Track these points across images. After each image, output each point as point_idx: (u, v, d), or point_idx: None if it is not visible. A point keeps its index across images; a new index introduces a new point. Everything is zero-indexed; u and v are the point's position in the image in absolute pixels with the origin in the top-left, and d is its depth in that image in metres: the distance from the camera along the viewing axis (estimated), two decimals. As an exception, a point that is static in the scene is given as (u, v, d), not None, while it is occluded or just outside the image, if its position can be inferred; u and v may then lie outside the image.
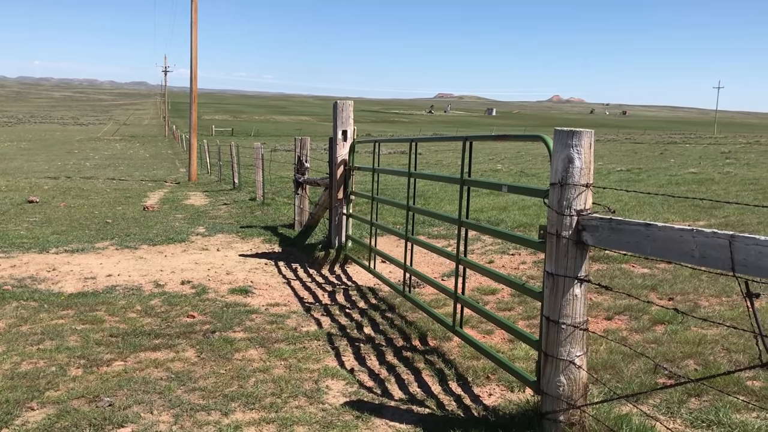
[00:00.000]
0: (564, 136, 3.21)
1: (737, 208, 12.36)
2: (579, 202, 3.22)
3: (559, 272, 3.28)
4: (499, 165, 28.46)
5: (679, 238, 2.69)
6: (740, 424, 3.59)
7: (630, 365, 4.51)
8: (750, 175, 20.75)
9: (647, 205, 13.09)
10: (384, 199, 7.76)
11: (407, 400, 4.14)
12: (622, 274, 7.29)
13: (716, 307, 5.91)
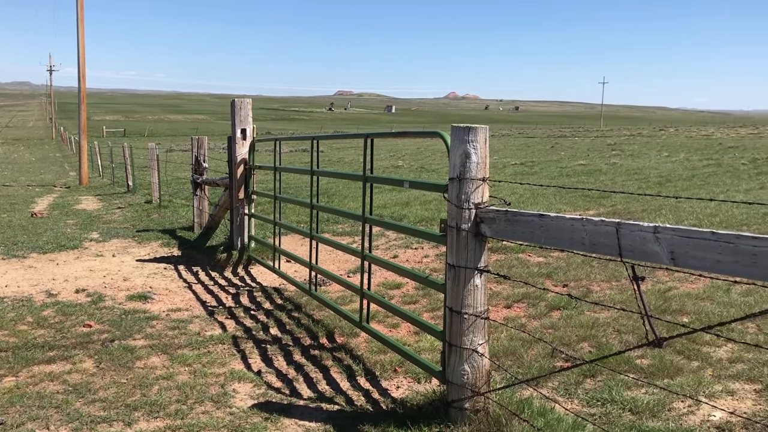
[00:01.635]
0: (461, 132, 3.30)
1: (623, 197, 13.08)
2: (477, 195, 3.32)
3: (460, 264, 3.38)
4: (401, 161, 28.83)
5: (571, 227, 2.83)
6: (631, 400, 3.81)
7: (529, 351, 4.70)
8: (634, 166, 22.02)
9: (541, 197, 13.64)
10: (287, 198, 7.71)
11: (316, 398, 4.14)
12: (519, 263, 7.57)
13: (607, 292, 6.25)
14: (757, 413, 3.63)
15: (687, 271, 2.50)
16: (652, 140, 40.79)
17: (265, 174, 10.95)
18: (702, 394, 3.88)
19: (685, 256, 2.35)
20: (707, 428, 3.49)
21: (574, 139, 48.23)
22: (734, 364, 4.35)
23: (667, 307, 5.59)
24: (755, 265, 2.13)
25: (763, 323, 5.10)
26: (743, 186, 15.42)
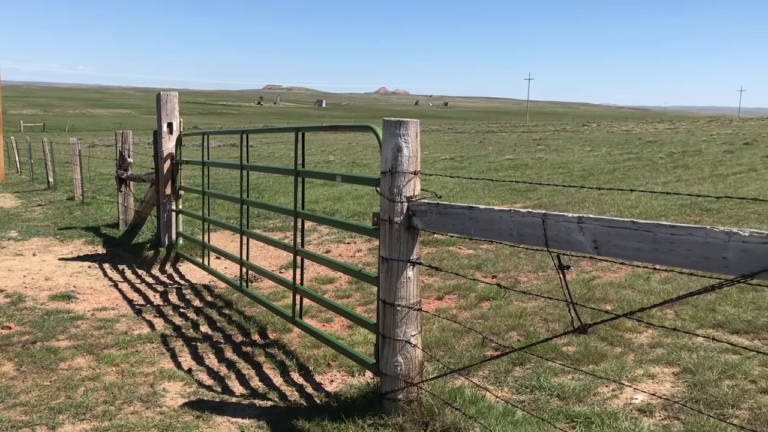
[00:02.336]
0: (392, 126, 3.33)
1: (549, 190, 13.46)
2: (409, 188, 3.36)
3: (393, 256, 3.41)
4: (332, 156, 28.75)
5: (499, 218, 2.90)
6: (558, 386, 3.94)
7: (461, 341, 4.79)
8: (559, 160, 22.66)
9: (470, 191, 13.88)
10: (216, 193, 7.59)
11: (249, 394, 4.10)
12: (450, 256, 7.69)
13: (534, 282, 6.42)
14: (675, 395, 3.81)
15: (609, 260, 2.60)
16: (576, 135, 42.04)
17: (193, 169, 10.74)
18: (625, 379, 4.05)
19: (607, 245, 2.45)
20: (630, 411, 3.64)
21: (501, 134, 49.21)
22: (654, 348, 4.55)
23: (591, 296, 5.79)
24: (672, 253, 2.24)
25: (681, 309, 5.35)
26: (661, 179, 16.09)
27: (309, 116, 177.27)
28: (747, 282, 2.06)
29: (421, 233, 3.47)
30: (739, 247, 2.06)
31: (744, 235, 2.05)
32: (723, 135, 36.53)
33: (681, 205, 11.07)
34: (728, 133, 37.96)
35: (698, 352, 4.38)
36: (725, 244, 2.09)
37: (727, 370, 4.05)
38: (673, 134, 39.99)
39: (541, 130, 52.74)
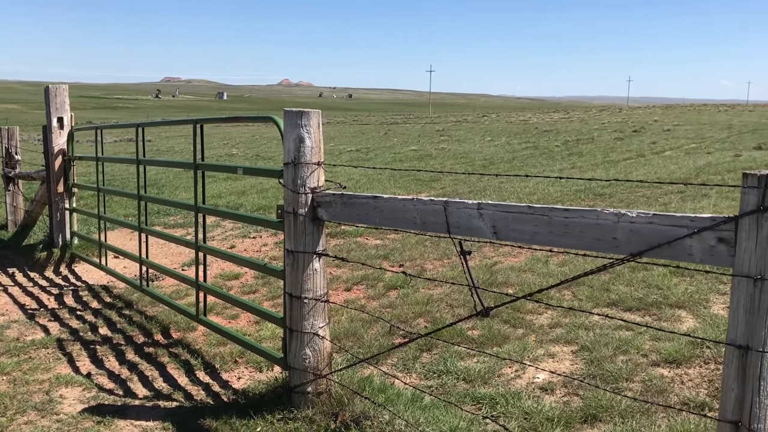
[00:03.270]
0: (294, 116, 3.29)
1: (452, 180, 13.73)
2: (312, 180, 3.33)
3: (299, 249, 3.38)
4: (235, 149, 28.18)
5: (403, 207, 2.93)
6: (464, 369, 4.03)
7: (369, 330, 4.82)
8: (461, 150, 23.16)
9: (376, 182, 13.95)
10: (112, 190, 7.29)
11: (153, 396, 3.97)
12: (357, 247, 7.72)
13: (439, 269, 6.54)
14: (574, 372, 3.98)
15: (510, 245, 2.69)
16: (477, 126, 43.11)
17: (88, 165, 10.24)
18: (527, 359, 4.19)
19: (506, 230, 2.52)
20: (532, 390, 3.77)
21: (405, 125, 49.78)
22: (554, 329, 4.74)
23: (493, 280, 5.95)
24: (567, 235, 2.33)
25: (578, 290, 5.59)
26: (557, 166, 16.75)
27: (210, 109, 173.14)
28: (635, 260, 2.17)
29: (328, 225, 3.46)
30: (628, 227, 2.17)
31: (632, 216, 2.16)
32: (614, 123, 38.42)
33: (576, 190, 11.56)
34: (618, 122, 39.95)
35: (594, 330, 4.59)
36: (615, 225, 2.20)
37: (621, 346, 4.27)
38: (568, 123, 41.69)
39: (443, 122, 53.73)
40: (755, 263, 1.86)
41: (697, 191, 10.73)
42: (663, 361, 4.02)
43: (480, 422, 3.32)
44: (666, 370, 3.91)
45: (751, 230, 1.87)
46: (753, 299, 1.88)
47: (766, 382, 1.89)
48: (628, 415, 3.35)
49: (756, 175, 1.85)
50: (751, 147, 19.97)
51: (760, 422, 1.91)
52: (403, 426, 3.14)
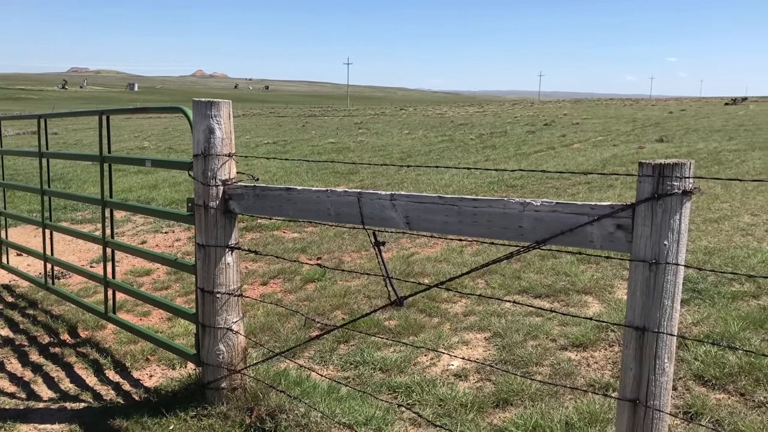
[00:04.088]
0: (203, 107, 3.21)
1: (371, 172, 13.78)
2: (223, 172, 3.27)
3: (210, 243, 3.31)
4: (146, 142, 27.28)
5: (317, 198, 2.92)
6: (381, 359, 4.06)
7: (286, 324, 4.78)
8: (379, 143, 23.26)
9: (294, 174, 13.85)
10: (11, 184, 6.91)
11: (59, 398, 3.81)
12: (274, 240, 7.63)
13: (357, 261, 6.56)
14: (487, 358, 4.08)
15: (427, 236, 2.72)
16: (394, 119, 43.40)
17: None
18: (442, 347, 4.26)
19: (418, 220, 2.55)
20: (447, 377, 3.84)
21: (323, 118, 49.55)
22: (468, 317, 4.84)
23: (410, 271, 6.02)
24: (476, 224, 2.38)
25: (491, 278, 5.73)
26: (472, 158, 17.09)
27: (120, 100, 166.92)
28: (540, 247, 2.24)
29: (243, 218, 3.40)
30: (533, 216, 2.23)
31: (536, 205, 2.23)
32: (526, 117, 39.50)
33: (490, 182, 11.84)
34: (530, 115, 41.11)
35: (506, 317, 4.72)
36: (521, 214, 2.26)
37: (532, 331, 4.41)
38: (482, 117, 42.56)
39: (361, 114, 53.80)
40: (650, 248, 1.96)
41: (604, 182, 11.19)
42: (570, 345, 4.18)
43: (396, 411, 3.36)
44: (573, 353, 4.07)
45: (647, 217, 1.96)
46: (649, 283, 1.97)
47: (661, 361, 2.00)
48: (538, 397, 3.46)
49: (651, 164, 1.94)
50: (654, 139, 20.96)
51: (656, 399, 2.01)
52: (319, 418, 3.14)
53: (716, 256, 6.06)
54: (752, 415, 3.19)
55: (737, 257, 5.97)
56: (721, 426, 3.10)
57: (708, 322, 4.39)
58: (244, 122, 42.79)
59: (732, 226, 7.43)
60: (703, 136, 21.40)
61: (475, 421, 3.24)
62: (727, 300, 4.77)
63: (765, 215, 7.94)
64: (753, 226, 7.36)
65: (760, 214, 8.00)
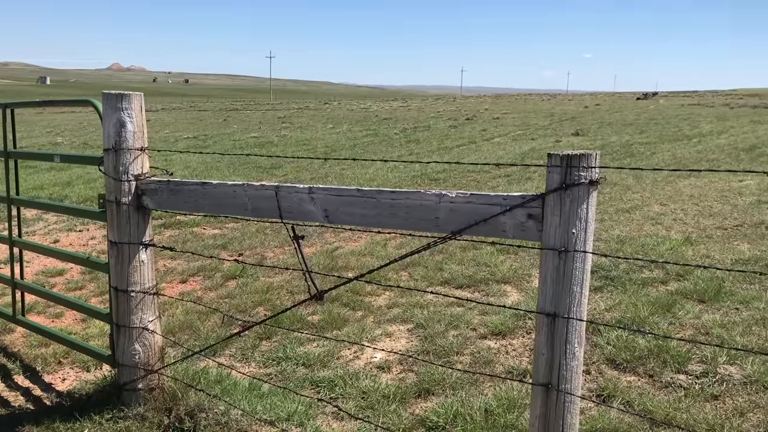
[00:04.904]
0: (113, 99, 3.10)
1: (294, 167, 13.67)
2: (136, 166, 3.17)
3: (123, 240, 3.20)
4: (60, 138, 26.16)
5: (233, 193, 2.87)
6: (304, 355, 4.04)
7: (206, 322, 4.69)
8: (303, 137, 23.09)
9: (214, 170, 13.57)
10: None
11: (-39, 407, 3.61)
12: (194, 237, 7.47)
13: (280, 257, 6.49)
14: (410, 349, 4.12)
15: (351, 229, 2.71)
16: (319, 113, 43.17)
17: None
18: (365, 340, 4.28)
19: (337, 213, 2.55)
20: (370, 369, 3.85)
21: (246, 112, 48.76)
22: (391, 309, 4.88)
23: (334, 265, 6.01)
24: (394, 216, 2.40)
25: (414, 270, 5.79)
26: (396, 152, 17.20)
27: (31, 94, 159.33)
28: (456, 238, 2.27)
29: (162, 215, 3.31)
30: (448, 207, 2.27)
31: (452, 196, 2.26)
32: (448, 111, 40.06)
33: (413, 176, 11.95)
34: (452, 110, 41.71)
35: (429, 308, 4.78)
36: (437, 205, 2.29)
37: (453, 321, 4.48)
38: (406, 111, 42.89)
39: (285, 108, 53.25)
40: (560, 237, 2.02)
41: (522, 174, 11.48)
42: (490, 333, 4.27)
43: (319, 405, 3.35)
44: (493, 341, 4.16)
45: (556, 206, 2.02)
46: (558, 270, 2.03)
47: (571, 346, 2.06)
48: (459, 386, 3.52)
49: (559, 155, 2.00)
50: (570, 133, 21.64)
51: (568, 383, 2.08)
52: (239, 415, 3.10)
53: (628, 244, 6.32)
54: (660, 395, 3.34)
55: (647, 245, 6.23)
56: (631, 407, 3.23)
57: (620, 308, 4.57)
58: (163, 117, 41.63)
59: (643, 215, 7.76)
60: (616, 130, 22.23)
61: (397, 411, 3.27)
62: (637, 286, 4.98)
63: (673, 205, 8.32)
64: (662, 215, 7.70)
65: (669, 204, 8.38)
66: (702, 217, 7.54)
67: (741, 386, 3.37)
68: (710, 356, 3.67)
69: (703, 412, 3.13)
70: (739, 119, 25.15)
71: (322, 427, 3.13)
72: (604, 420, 3.06)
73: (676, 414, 3.10)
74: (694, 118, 26.83)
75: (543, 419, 2.11)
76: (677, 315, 4.34)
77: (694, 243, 6.27)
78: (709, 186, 9.54)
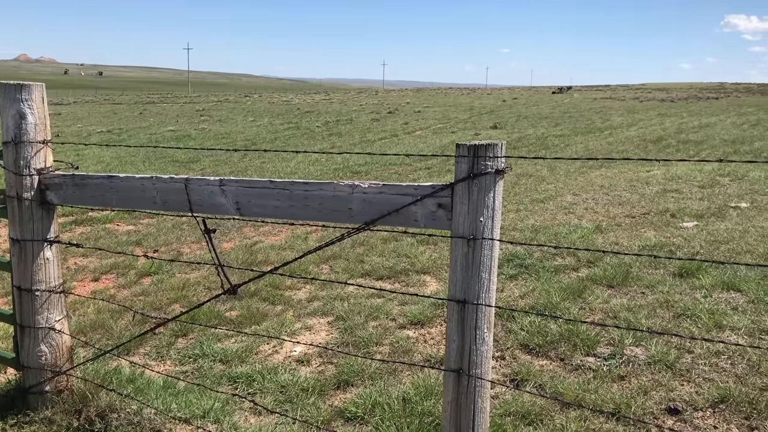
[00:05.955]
0: (12, 90, 2.95)
1: (213, 161, 13.41)
2: (38, 160, 3.03)
3: (26, 237, 3.06)
4: (-40, 132, 24.76)
5: (141, 186, 2.78)
6: (221, 351, 3.98)
7: (119, 321, 4.55)
8: (222, 130, 22.67)
9: (129, 164, 13.16)
10: None
11: None
12: (107, 233, 7.22)
13: (197, 252, 6.36)
14: (330, 342, 4.12)
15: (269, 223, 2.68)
16: (239, 106, 42.45)
17: None
18: (284, 334, 4.25)
19: (249, 205, 2.51)
20: (289, 363, 3.83)
21: (163, 105, 47.43)
22: (311, 302, 4.86)
23: (253, 260, 5.94)
24: (307, 207, 2.38)
25: (335, 263, 5.79)
26: (318, 146, 17.12)
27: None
28: (370, 228, 2.28)
29: (74, 212, 3.17)
30: (361, 197, 2.27)
31: (364, 186, 2.26)
32: (371, 105, 40.17)
33: (335, 168, 11.93)
34: (375, 103, 41.84)
35: (349, 300, 4.79)
36: (350, 196, 2.29)
37: (373, 312, 4.51)
38: (329, 104, 42.74)
39: (204, 101, 52.12)
40: (468, 225, 2.06)
41: (442, 167, 11.65)
42: (409, 323, 4.32)
43: (236, 401, 3.30)
44: (412, 331, 4.21)
45: (464, 195, 2.05)
46: (467, 258, 2.08)
47: (481, 331, 2.11)
48: (378, 376, 3.55)
49: (466, 145, 2.04)
50: (489, 126, 22.12)
51: (478, 368, 2.13)
52: (153, 414, 3.02)
53: (542, 233, 6.52)
54: (570, 377, 3.46)
55: (560, 234, 6.45)
56: (543, 390, 3.34)
57: (533, 294, 4.71)
58: (75, 110, 39.96)
59: (556, 205, 8.01)
60: (532, 123, 22.86)
61: (316, 404, 3.27)
62: (550, 274, 5.14)
63: (585, 194, 8.64)
64: (574, 205, 7.98)
65: (581, 194, 8.69)
66: (612, 206, 7.86)
67: (645, 366, 3.53)
68: (618, 339, 3.83)
69: (610, 392, 3.26)
70: (648, 112, 26.33)
71: (239, 423, 3.09)
72: (518, 404, 3.15)
73: (585, 395, 3.23)
74: (606, 111, 27.89)
75: (455, 404, 2.15)
76: (587, 300, 4.51)
77: (604, 231, 6.53)
78: (619, 176, 9.95)
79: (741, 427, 2.94)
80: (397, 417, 3.07)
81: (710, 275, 4.82)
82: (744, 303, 4.32)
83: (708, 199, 8.00)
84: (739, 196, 8.14)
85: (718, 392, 3.18)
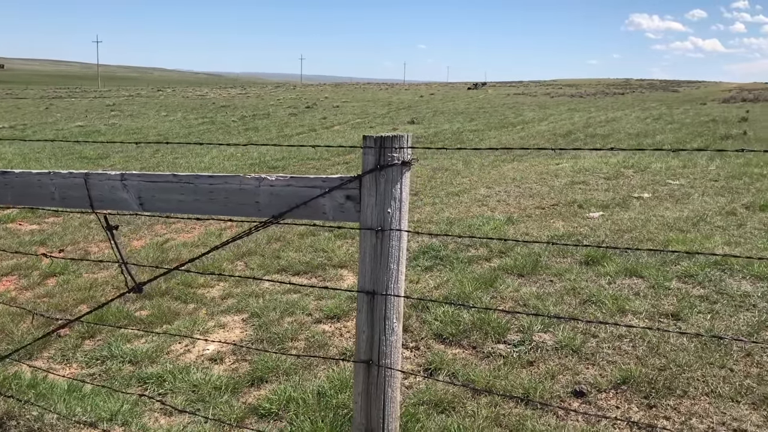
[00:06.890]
0: None
1: (123, 157, 12.97)
2: (-77, 155, 2.85)
3: None
4: None
5: (38, 182, 2.66)
6: (131, 352, 3.85)
7: (21, 324, 4.34)
8: (134, 126, 21.95)
9: (34, 161, 12.57)
10: None
11: None
12: (8, 233, 6.87)
13: (105, 251, 6.14)
14: (244, 339, 4.06)
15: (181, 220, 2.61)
16: (151, 101, 41.20)
17: None
18: (197, 333, 4.16)
19: (152, 200, 2.44)
20: (202, 362, 3.75)
21: (71, 100, 45.46)
22: (225, 300, 4.77)
23: (165, 258, 5.79)
24: (213, 202, 2.33)
25: (250, 260, 5.71)
26: (234, 140, 16.84)
27: None
28: (278, 222, 2.26)
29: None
30: (269, 191, 2.24)
31: (272, 179, 2.24)
32: (288, 99, 39.81)
33: (251, 164, 11.77)
34: (293, 98, 41.50)
35: (264, 297, 4.73)
36: (257, 189, 2.26)
37: (289, 308, 4.47)
38: (245, 99, 42.08)
39: (114, 96, 50.30)
40: (376, 216, 2.07)
41: (360, 161, 11.68)
42: (325, 317, 4.31)
43: (146, 402, 3.21)
44: (328, 325, 4.20)
45: (372, 187, 2.06)
46: (376, 249, 2.09)
47: (390, 322, 2.13)
48: (293, 372, 3.53)
49: (373, 137, 2.04)
50: (406, 121, 22.32)
51: (388, 358, 2.14)
52: (55, 419, 2.90)
53: (456, 225, 6.63)
54: (482, 365, 3.54)
55: (474, 225, 6.58)
56: (456, 378, 3.40)
57: (447, 285, 4.79)
58: (-28, 104, 37.76)
59: (471, 198, 8.17)
60: (449, 118, 23.22)
61: (229, 402, 3.22)
62: (464, 264, 5.24)
63: (498, 187, 8.85)
64: (488, 197, 8.16)
65: (494, 187, 8.90)
66: (523, 198, 8.09)
67: (553, 351, 3.65)
68: (527, 326, 3.95)
69: (520, 377, 3.36)
70: (558, 107, 27.22)
71: (148, 424, 3.01)
72: (431, 392, 3.20)
73: (495, 381, 3.31)
74: (519, 106, 28.67)
75: (365, 395, 2.16)
76: (499, 289, 4.63)
77: (515, 222, 6.71)
78: (530, 169, 10.25)
79: (641, 406, 3.09)
80: (311, 411, 3.06)
81: (614, 262, 5.03)
82: (645, 288, 4.54)
83: (613, 190, 8.35)
84: (641, 187, 8.53)
85: (621, 374, 3.33)
